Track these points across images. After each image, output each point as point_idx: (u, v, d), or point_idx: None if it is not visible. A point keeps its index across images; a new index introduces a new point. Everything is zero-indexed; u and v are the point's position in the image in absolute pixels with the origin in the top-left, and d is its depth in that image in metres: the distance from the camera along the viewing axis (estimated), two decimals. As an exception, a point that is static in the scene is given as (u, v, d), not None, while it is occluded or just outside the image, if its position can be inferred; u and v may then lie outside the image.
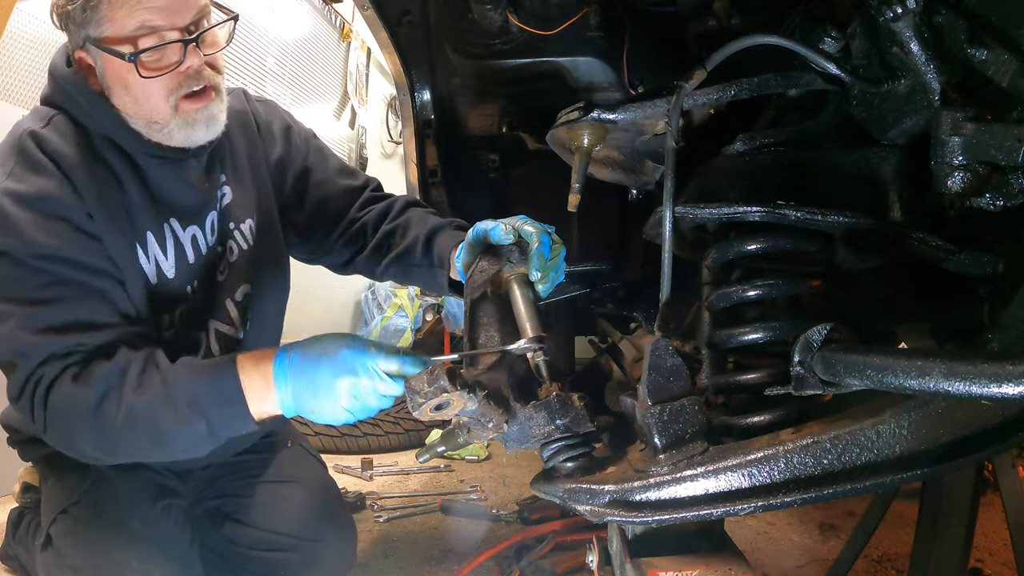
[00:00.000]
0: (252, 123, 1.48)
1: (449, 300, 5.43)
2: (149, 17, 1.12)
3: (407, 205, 1.51)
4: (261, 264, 1.46)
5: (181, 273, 1.29)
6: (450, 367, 0.92)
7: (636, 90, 1.56)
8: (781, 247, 0.98)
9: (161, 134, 1.20)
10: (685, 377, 0.92)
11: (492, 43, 1.64)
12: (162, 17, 1.13)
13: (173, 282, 1.28)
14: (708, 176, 1.07)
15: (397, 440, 3.36)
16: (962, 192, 0.79)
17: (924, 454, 0.80)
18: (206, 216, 1.33)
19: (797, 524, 2.33)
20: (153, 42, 1.12)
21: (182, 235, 1.29)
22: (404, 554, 2.08)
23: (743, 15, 1.29)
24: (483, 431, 0.99)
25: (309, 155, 1.54)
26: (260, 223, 1.44)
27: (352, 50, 5.38)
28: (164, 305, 1.27)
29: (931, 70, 0.83)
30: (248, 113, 1.48)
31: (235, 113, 1.42)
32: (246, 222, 1.41)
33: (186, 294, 1.31)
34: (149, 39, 1.12)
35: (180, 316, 1.30)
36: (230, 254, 1.40)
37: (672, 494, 0.89)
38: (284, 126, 1.53)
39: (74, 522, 1.27)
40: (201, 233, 1.32)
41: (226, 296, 1.39)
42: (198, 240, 1.32)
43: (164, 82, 1.15)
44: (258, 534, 1.44)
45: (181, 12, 1.14)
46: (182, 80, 1.17)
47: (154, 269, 1.25)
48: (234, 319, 1.41)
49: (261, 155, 1.47)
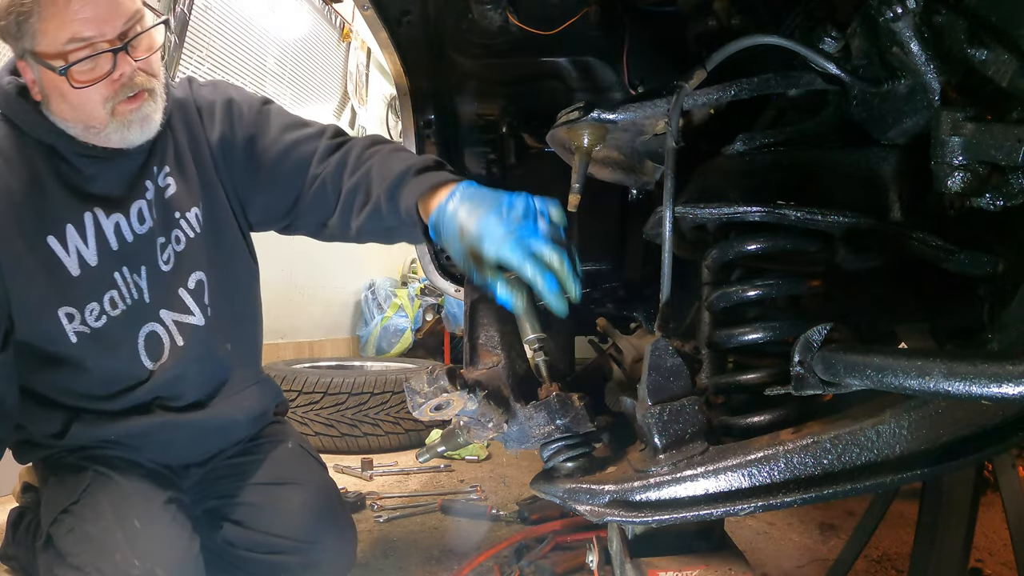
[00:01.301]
0: (193, 109, 1.46)
1: (449, 300, 5.43)
2: (79, 29, 1.14)
3: (365, 150, 1.36)
4: (213, 251, 1.45)
5: (105, 260, 1.31)
6: (450, 367, 0.92)
7: (636, 90, 1.56)
8: (781, 247, 0.98)
9: (99, 137, 1.25)
10: (685, 377, 0.92)
11: (492, 43, 1.65)
12: (91, 28, 1.15)
13: (98, 270, 1.30)
14: (708, 176, 1.07)
15: (397, 440, 3.36)
16: (962, 192, 0.79)
17: (924, 454, 0.79)
18: (130, 206, 1.34)
19: (797, 524, 2.33)
20: (84, 54, 1.16)
21: (105, 223, 1.31)
22: (404, 554, 2.08)
23: (743, 15, 1.29)
24: (483, 431, 0.99)
25: (255, 123, 1.47)
26: (207, 210, 1.44)
27: (352, 50, 5.39)
28: (90, 294, 1.30)
29: (931, 70, 0.83)
30: (190, 100, 1.46)
31: (177, 103, 1.43)
32: (191, 211, 1.41)
33: (114, 281, 1.32)
34: (80, 51, 1.16)
35: (110, 303, 1.32)
36: (176, 243, 1.40)
37: (672, 494, 0.89)
38: (225, 101, 1.48)
39: (74, 521, 1.27)
40: (125, 222, 1.33)
41: (178, 285, 1.40)
42: (121, 228, 1.33)
43: (99, 90, 1.19)
44: (257, 537, 1.44)
45: (110, 21, 1.17)
46: (117, 88, 1.21)
47: (76, 260, 1.28)
48: (191, 307, 1.41)
49: (203, 140, 1.45)
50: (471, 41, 1.67)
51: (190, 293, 1.42)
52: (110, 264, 1.32)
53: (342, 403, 3.26)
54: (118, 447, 1.39)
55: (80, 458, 1.37)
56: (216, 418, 1.46)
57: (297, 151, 1.42)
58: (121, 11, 1.18)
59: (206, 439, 1.48)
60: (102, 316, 1.32)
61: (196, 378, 1.44)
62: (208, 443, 1.50)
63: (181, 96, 1.46)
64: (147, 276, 1.37)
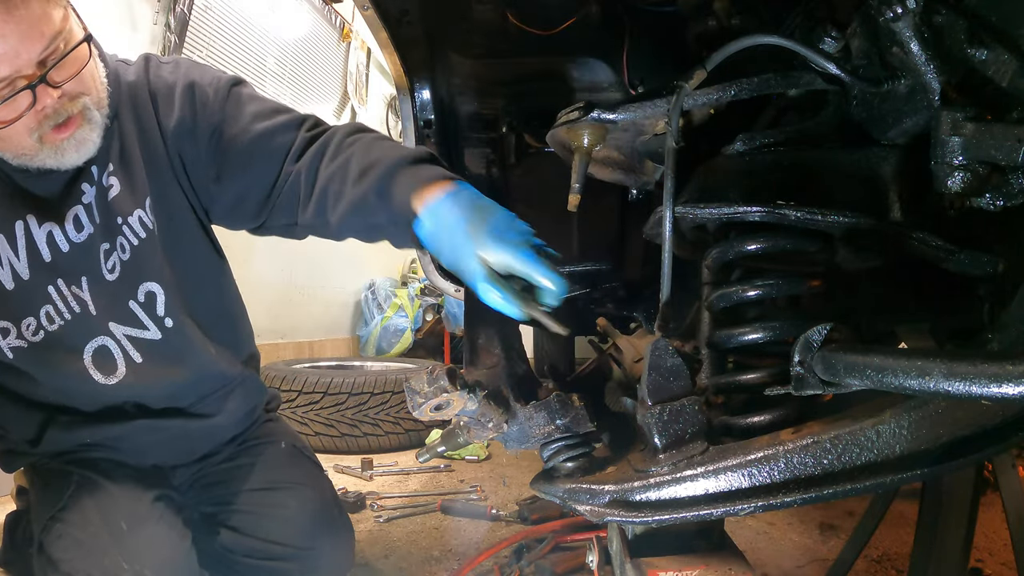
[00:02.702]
0: (146, 94, 1.30)
1: (449, 300, 5.43)
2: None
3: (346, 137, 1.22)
4: (170, 255, 1.32)
5: (37, 273, 1.23)
6: (450, 367, 0.92)
7: (636, 90, 1.56)
8: (781, 247, 0.98)
9: (33, 161, 1.17)
10: (685, 377, 0.92)
11: (492, 43, 1.65)
12: (5, 66, 1.04)
13: (29, 283, 1.22)
14: (708, 176, 1.07)
15: (397, 440, 3.36)
16: (962, 192, 0.79)
17: (924, 454, 0.79)
18: (66, 212, 1.23)
19: (797, 524, 2.33)
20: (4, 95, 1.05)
21: (36, 233, 1.22)
22: (404, 554, 2.08)
23: (743, 15, 1.29)
24: (483, 431, 0.99)
25: (222, 109, 1.29)
26: (157, 210, 1.30)
27: (352, 50, 5.39)
28: (25, 308, 1.23)
29: (931, 70, 0.83)
30: (143, 84, 1.30)
31: (129, 89, 1.29)
32: (135, 213, 1.27)
33: (48, 295, 1.24)
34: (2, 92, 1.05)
35: (47, 317, 1.24)
36: (123, 252, 1.28)
37: (672, 494, 0.89)
38: (186, 85, 1.30)
39: (63, 527, 1.26)
40: (59, 230, 1.23)
41: (126, 297, 1.29)
42: (55, 237, 1.23)
43: (23, 123, 1.10)
44: (254, 543, 1.43)
45: (24, 53, 1.05)
46: (41, 119, 1.11)
47: (9, 273, 1.21)
48: (143, 321, 1.30)
49: (154, 129, 1.29)
50: (471, 41, 1.67)
51: (141, 306, 1.30)
52: (42, 277, 1.23)
53: (342, 403, 3.26)
54: (99, 449, 1.37)
55: (64, 462, 1.35)
56: (197, 421, 1.42)
57: (270, 143, 1.26)
58: (35, 39, 1.05)
59: (189, 442, 1.46)
60: (39, 331, 1.25)
61: (167, 388, 1.37)
62: (192, 446, 1.47)
63: (133, 79, 1.30)
64: (89, 287, 1.26)
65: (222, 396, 1.46)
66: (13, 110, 1.08)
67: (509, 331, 1.11)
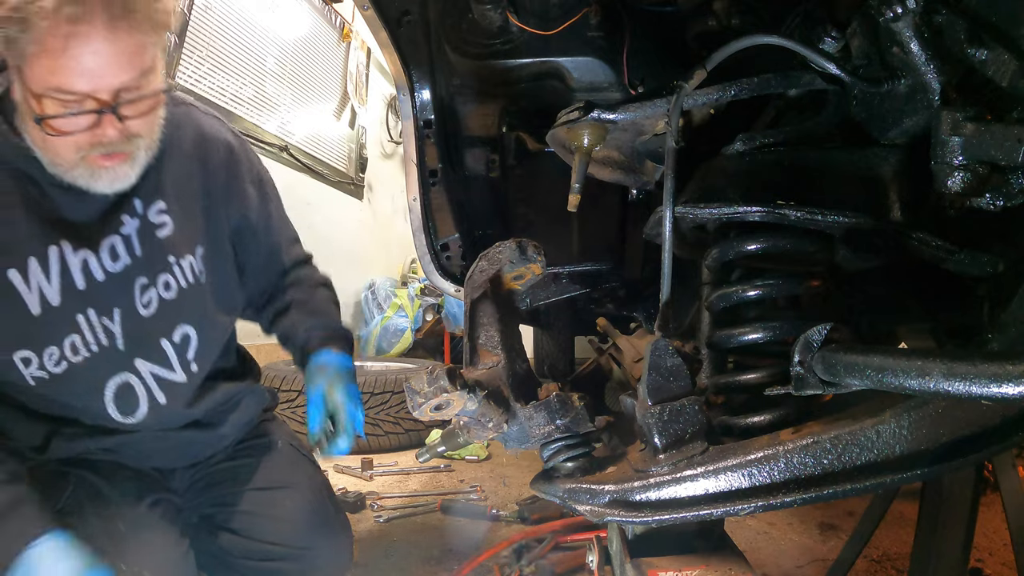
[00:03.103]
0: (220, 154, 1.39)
1: (449, 300, 5.44)
2: (70, 80, 1.02)
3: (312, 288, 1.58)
4: (210, 304, 1.37)
5: (68, 300, 1.19)
6: (450, 367, 0.92)
7: (636, 90, 1.56)
8: (781, 247, 0.98)
9: (64, 174, 1.14)
10: (685, 377, 0.92)
11: (492, 43, 1.64)
12: (85, 82, 1.03)
13: (59, 310, 1.18)
14: (708, 176, 1.07)
15: (397, 440, 3.36)
16: (962, 192, 0.79)
17: (924, 454, 0.80)
18: (101, 240, 1.22)
19: (797, 524, 2.33)
20: (66, 109, 1.04)
21: (71, 259, 1.19)
22: (404, 554, 2.08)
23: (743, 15, 1.29)
24: (483, 431, 0.99)
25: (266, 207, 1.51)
26: (207, 260, 1.35)
27: (352, 50, 5.39)
28: (50, 336, 1.19)
29: (931, 70, 0.83)
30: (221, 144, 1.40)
31: (197, 134, 1.36)
32: (187, 257, 1.32)
33: (76, 324, 1.21)
34: (63, 104, 1.04)
35: (71, 348, 1.21)
36: (165, 289, 1.29)
37: (672, 494, 0.89)
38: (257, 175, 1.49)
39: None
40: (95, 258, 1.21)
41: (159, 335, 1.30)
42: (90, 265, 1.21)
43: (76, 140, 1.09)
44: (251, 544, 1.43)
45: (107, 77, 1.04)
46: (94, 143, 1.09)
47: (37, 298, 1.17)
48: (172, 362, 1.31)
49: (221, 189, 1.38)
50: (471, 41, 1.67)
51: (174, 347, 1.31)
52: (73, 305, 1.20)
53: (342, 403, 3.25)
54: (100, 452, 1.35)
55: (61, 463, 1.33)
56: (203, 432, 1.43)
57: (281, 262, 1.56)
58: (123, 68, 1.05)
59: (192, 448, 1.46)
60: (62, 361, 1.20)
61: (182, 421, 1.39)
62: (195, 452, 1.47)
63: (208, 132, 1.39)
64: (121, 320, 1.24)
65: (229, 408, 1.48)
66: (73, 125, 1.07)
67: (509, 331, 1.11)
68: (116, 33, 1.03)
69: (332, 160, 5.20)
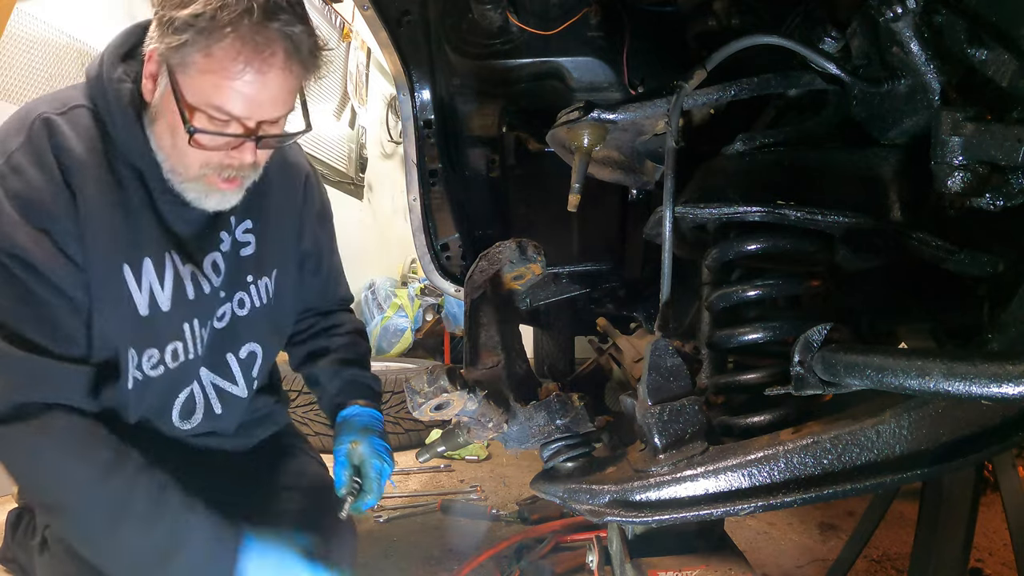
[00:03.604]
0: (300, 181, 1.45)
1: (449, 300, 5.44)
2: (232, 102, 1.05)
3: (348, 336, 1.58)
4: (274, 326, 1.42)
5: (178, 308, 1.21)
6: (450, 367, 0.92)
7: (636, 90, 1.56)
8: (781, 247, 0.98)
9: (176, 183, 1.16)
10: (685, 377, 0.92)
11: (492, 43, 1.65)
12: (244, 108, 1.06)
13: (167, 316, 1.20)
14: (708, 176, 1.07)
15: (397, 440, 3.36)
16: (962, 192, 0.79)
17: (924, 454, 0.80)
18: (205, 257, 1.26)
19: (797, 524, 2.33)
20: (217, 128, 1.07)
21: (182, 269, 1.21)
22: (404, 554, 2.08)
23: (743, 15, 1.29)
24: (483, 431, 0.99)
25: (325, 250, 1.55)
26: (279, 284, 1.40)
27: (352, 50, 5.38)
28: (153, 340, 1.19)
29: (931, 70, 0.83)
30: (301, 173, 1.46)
31: (287, 165, 1.41)
32: (262, 280, 1.36)
33: (182, 332, 1.23)
34: (215, 122, 1.07)
35: (172, 354, 1.23)
36: (239, 307, 1.33)
37: (672, 494, 0.89)
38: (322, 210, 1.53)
39: None
40: (200, 273, 1.25)
41: (227, 350, 1.33)
42: (199, 279, 1.24)
43: (207, 156, 1.12)
44: None
45: (263, 109, 1.08)
46: (223, 164, 1.13)
47: (147, 299, 1.17)
48: (236, 376, 1.35)
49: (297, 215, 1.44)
50: (471, 41, 1.67)
51: (239, 362, 1.35)
52: (183, 312, 1.22)
53: (342, 403, 3.26)
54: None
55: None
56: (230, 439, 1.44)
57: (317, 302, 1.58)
58: (277, 105, 1.10)
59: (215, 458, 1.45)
60: (159, 365, 1.21)
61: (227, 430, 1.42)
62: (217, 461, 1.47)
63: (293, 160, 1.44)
64: (208, 333, 1.28)
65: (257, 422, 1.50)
66: (216, 143, 1.09)
67: (509, 331, 1.11)
68: (288, 72, 1.07)
69: (332, 160, 5.20)
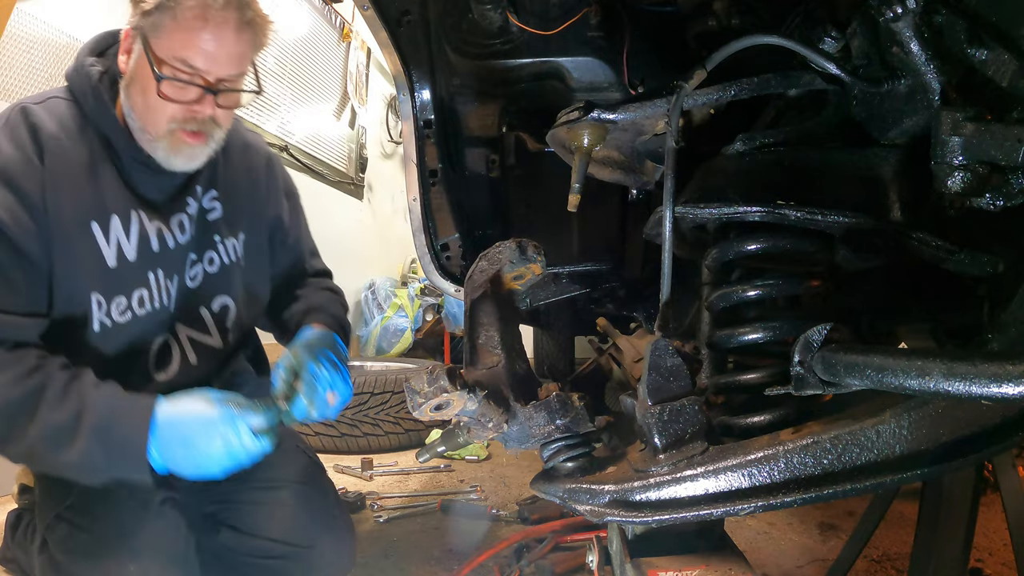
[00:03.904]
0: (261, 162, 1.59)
1: (449, 300, 5.43)
2: (194, 56, 1.23)
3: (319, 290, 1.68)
4: (248, 282, 1.54)
5: (143, 258, 1.34)
6: (450, 367, 0.92)
7: (636, 90, 1.56)
8: (781, 247, 0.98)
9: (148, 145, 1.30)
10: (685, 377, 0.92)
11: (492, 43, 1.65)
12: (205, 62, 1.24)
13: (133, 266, 1.33)
14: (708, 176, 1.07)
15: (397, 440, 3.36)
16: (962, 192, 0.79)
17: (924, 454, 0.79)
18: (171, 217, 1.39)
19: (797, 524, 2.33)
20: (183, 77, 1.24)
21: (148, 225, 1.35)
22: (404, 554, 2.08)
23: (743, 15, 1.29)
24: (483, 431, 0.99)
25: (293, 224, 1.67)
26: (247, 246, 1.53)
27: (352, 50, 5.38)
28: (121, 288, 1.32)
29: (931, 70, 0.83)
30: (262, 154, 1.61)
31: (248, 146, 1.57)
32: (230, 240, 1.50)
33: (147, 280, 1.35)
34: (181, 72, 1.24)
35: (139, 301, 1.34)
36: (209, 264, 1.46)
37: (672, 494, 0.89)
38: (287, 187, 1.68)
39: (68, 526, 1.26)
40: (167, 230, 1.38)
41: (199, 304, 1.46)
42: (164, 235, 1.37)
43: (173, 111, 1.26)
44: (254, 542, 1.44)
45: (221, 64, 1.26)
46: (187, 116, 1.28)
47: (115, 252, 1.30)
48: (210, 327, 1.47)
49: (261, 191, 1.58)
50: (471, 41, 1.67)
51: (212, 315, 1.47)
52: (147, 263, 1.35)
53: (342, 403, 3.26)
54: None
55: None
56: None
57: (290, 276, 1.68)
58: (233, 62, 1.27)
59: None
60: (127, 311, 1.33)
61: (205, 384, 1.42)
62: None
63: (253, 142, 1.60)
64: (176, 288, 1.40)
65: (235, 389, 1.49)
66: (181, 94, 1.25)
67: (509, 331, 1.11)
68: (241, 34, 1.26)
69: (332, 160, 5.20)
